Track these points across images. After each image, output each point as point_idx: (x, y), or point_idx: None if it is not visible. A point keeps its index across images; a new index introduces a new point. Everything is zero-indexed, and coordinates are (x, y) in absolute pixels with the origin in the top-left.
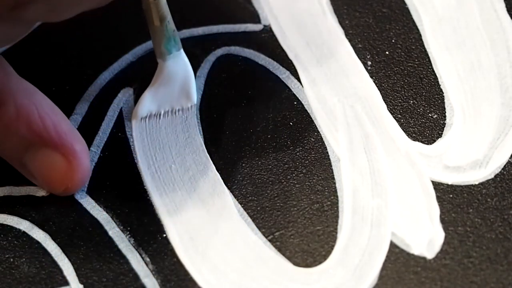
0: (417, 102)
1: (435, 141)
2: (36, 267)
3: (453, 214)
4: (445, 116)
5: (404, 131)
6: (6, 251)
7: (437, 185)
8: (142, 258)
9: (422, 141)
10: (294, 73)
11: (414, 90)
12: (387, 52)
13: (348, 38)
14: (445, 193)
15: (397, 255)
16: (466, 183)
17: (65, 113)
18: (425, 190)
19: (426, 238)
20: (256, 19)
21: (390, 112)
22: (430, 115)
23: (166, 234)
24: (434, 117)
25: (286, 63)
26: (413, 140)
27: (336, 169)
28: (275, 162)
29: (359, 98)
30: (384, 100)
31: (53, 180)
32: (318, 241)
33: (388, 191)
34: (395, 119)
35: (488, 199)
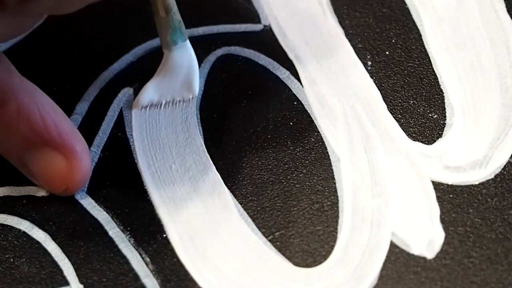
0: (417, 102)
1: (435, 141)
2: (36, 267)
3: (453, 214)
4: (445, 116)
5: (404, 131)
6: (6, 251)
7: (437, 185)
8: (142, 258)
9: (422, 141)
10: (294, 73)
11: (414, 90)
12: (387, 52)
13: (348, 38)
14: (445, 193)
15: (397, 255)
16: (466, 183)
17: (65, 113)
18: (425, 190)
19: (426, 238)
20: (256, 19)
21: (390, 112)
22: (430, 115)
23: (166, 234)
24: (434, 117)
25: (286, 63)
26: (413, 140)
27: (336, 169)
28: (275, 162)
29: (359, 98)
30: (384, 100)
31: (53, 180)
32: (318, 241)
33: (388, 191)
34: (395, 119)
35: (488, 199)
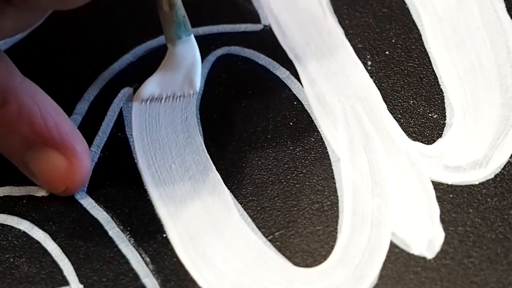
0: (417, 102)
1: (435, 141)
2: (36, 267)
3: (453, 214)
4: (445, 116)
5: (404, 131)
6: (6, 251)
7: (437, 185)
8: (142, 258)
9: (422, 141)
10: (294, 73)
11: (414, 90)
12: (387, 52)
13: (348, 38)
14: (445, 193)
15: (397, 255)
16: (466, 183)
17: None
18: (425, 190)
19: (426, 238)
20: (256, 19)
21: (390, 112)
22: (430, 115)
23: (166, 234)
24: (434, 117)
25: (286, 63)
26: (413, 140)
27: (336, 169)
28: (275, 162)
29: (359, 98)
30: (384, 100)
31: (53, 180)
32: (318, 241)
33: (388, 191)
34: (395, 119)
35: (488, 199)
